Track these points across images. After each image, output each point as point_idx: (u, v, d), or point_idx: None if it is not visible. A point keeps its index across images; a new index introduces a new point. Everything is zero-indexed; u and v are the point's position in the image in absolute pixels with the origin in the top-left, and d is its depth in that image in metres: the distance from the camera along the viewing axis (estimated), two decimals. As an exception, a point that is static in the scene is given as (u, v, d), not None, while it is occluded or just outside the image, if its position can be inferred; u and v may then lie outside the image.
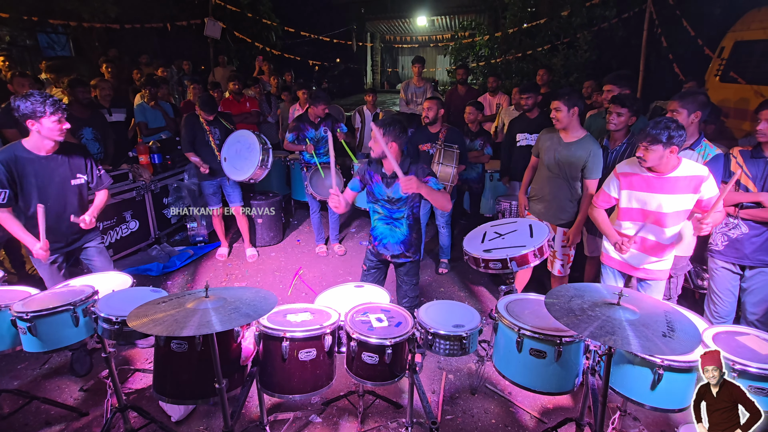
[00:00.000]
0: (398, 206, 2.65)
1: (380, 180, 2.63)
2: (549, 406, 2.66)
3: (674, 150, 2.21)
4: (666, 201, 2.35)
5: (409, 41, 19.75)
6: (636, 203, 2.45)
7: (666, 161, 2.26)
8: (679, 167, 2.30)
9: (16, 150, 2.50)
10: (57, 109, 2.40)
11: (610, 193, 2.53)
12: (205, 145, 4.11)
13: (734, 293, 2.68)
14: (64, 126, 2.47)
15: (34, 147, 2.52)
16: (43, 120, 2.40)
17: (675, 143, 2.18)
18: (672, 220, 2.39)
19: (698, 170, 2.29)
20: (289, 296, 3.93)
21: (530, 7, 8.28)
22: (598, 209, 2.62)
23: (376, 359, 1.86)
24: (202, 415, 2.56)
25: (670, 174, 2.31)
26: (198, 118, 4.09)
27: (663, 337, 1.41)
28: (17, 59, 7.36)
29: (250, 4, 9.94)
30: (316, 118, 4.31)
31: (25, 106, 2.35)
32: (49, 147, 2.54)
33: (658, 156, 2.22)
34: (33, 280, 3.79)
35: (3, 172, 2.43)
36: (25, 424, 2.48)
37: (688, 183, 2.29)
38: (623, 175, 2.46)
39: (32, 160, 2.52)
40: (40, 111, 2.36)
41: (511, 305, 2.10)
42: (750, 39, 5.10)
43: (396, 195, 2.61)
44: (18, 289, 2.31)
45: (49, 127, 2.43)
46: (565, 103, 2.87)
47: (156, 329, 1.44)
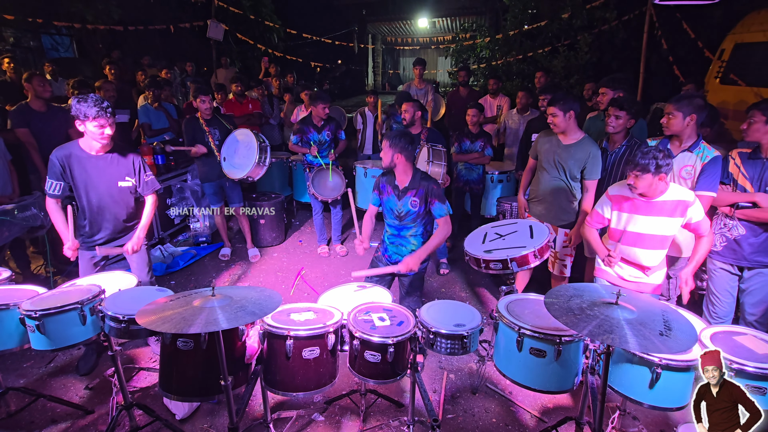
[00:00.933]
0: (404, 222, 2.67)
1: (392, 192, 2.66)
2: (549, 405, 2.69)
3: (662, 177, 2.26)
4: (649, 223, 2.39)
5: (410, 43, 19.84)
6: (627, 224, 2.47)
7: (655, 187, 2.31)
8: (667, 191, 2.34)
9: (72, 148, 2.66)
10: (100, 116, 2.50)
11: (603, 213, 2.55)
12: (204, 145, 4.16)
13: (732, 294, 2.70)
14: (105, 131, 2.57)
15: (86, 146, 2.66)
16: (87, 123, 2.52)
17: (663, 171, 2.24)
18: (652, 243, 2.41)
19: (684, 195, 2.33)
20: (291, 296, 3.96)
21: (531, 9, 8.30)
22: (590, 228, 2.64)
23: (378, 358, 1.89)
24: (206, 413, 2.59)
25: (658, 198, 2.35)
26: (198, 120, 4.15)
27: (660, 336, 1.44)
28: (21, 60, 7.41)
29: (252, 6, 9.99)
30: (319, 120, 4.35)
31: (76, 107, 2.48)
32: (98, 147, 2.65)
33: (647, 184, 2.27)
34: (38, 280, 3.84)
35: (57, 167, 2.62)
36: (31, 421, 2.52)
37: (674, 207, 2.32)
38: (614, 197, 2.50)
39: (84, 159, 2.66)
40: (84, 114, 2.48)
41: (512, 305, 2.13)
42: (750, 41, 5.12)
43: (405, 209, 2.62)
44: (26, 288, 2.34)
45: (92, 131, 2.55)
46: (561, 108, 2.90)
47: (164, 326, 1.47)
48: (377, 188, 2.75)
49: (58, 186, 2.64)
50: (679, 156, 2.64)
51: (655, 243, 2.41)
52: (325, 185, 4.50)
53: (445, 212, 2.60)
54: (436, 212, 2.60)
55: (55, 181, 2.64)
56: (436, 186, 2.60)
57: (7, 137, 3.71)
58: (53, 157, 2.62)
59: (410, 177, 2.61)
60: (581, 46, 7.43)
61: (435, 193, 2.57)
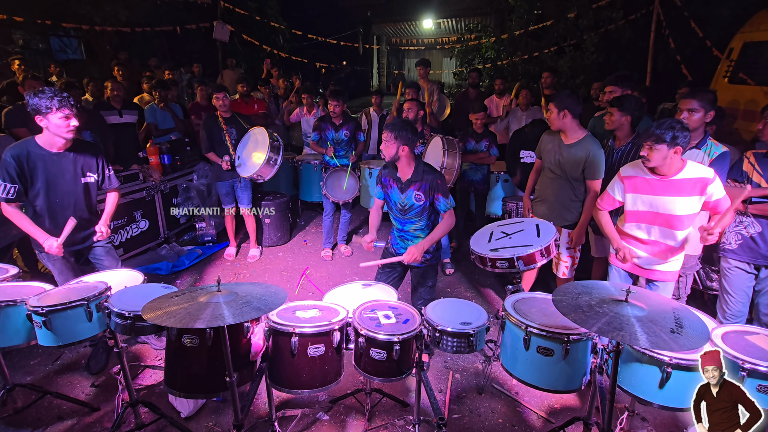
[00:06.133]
0: (408, 217, 2.65)
1: (395, 185, 2.65)
2: (556, 406, 2.66)
3: (678, 151, 2.19)
4: (667, 203, 2.33)
5: (415, 44, 19.84)
6: (642, 206, 2.43)
7: (670, 162, 2.23)
8: (684, 169, 2.28)
9: (29, 145, 2.51)
10: (63, 106, 2.38)
11: (614, 196, 2.52)
12: (221, 144, 4.19)
13: (748, 294, 2.64)
14: (71, 123, 2.46)
15: (45, 143, 2.53)
16: (50, 116, 2.39)
17: (679, 143, 2.16)
18: (682, 223, 2.36)
19: (703, 172, 2.26)
20: (296, 296, 3.95)
21: (537, 10, 8.29)
22: (603, 212, 2.61)
23: (384, 355, 1.88)
24: (211, 411, 2.59)
25: (674, 176, 2.29)
26: (217, 119, 4.18)
27: (671, 333, 1.42)
28: (30, 62, 7.50)
29: (257, 7, 10.06)
30: (338, 118, 4.38)
31: (33, 101, 2.36)
32: (60, 144, 2.54)
33: (662, 156, 2.20)
34: (45, 278, 3.84)
35: (13, 167, 2.44)
36: (37, 418, 2.53)
37: (693, 185, 2.26)
38: (627, 179, 2.45)
39: (44, 156, 2.52)
40: (47, 107, 2.36)
41: (519, 304, 2.11)
42: (759, 40, 5.06)
43: (409, 202, 2.61)
44: (33, 285, 2.35)
45: (56, 124, 2.42)
46: (556, 106, 2.88)
47: (170, 321, 1.47)
48: (380, 182, 2.74)
49: (13, 189, 2.46)
50: (686, 153, 2.61)
51: (673, 224, 2.35)
52: (338, 187, 4.50)
53: (449, 206, 2.57)
54: (440, 207, 2.57)
55: (8, 184, 2.44)
56: (441, 180, 2.56)
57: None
58: (7, 156, 2.42)
59: (413, 169, 2.57)
60: (587, 46, 7.40)
61: (439, 188, 2.54)
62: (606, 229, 2.61)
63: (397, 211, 2.68)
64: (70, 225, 2.52)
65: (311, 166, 5.31)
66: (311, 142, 4.55)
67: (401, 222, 2.70)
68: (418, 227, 2.67)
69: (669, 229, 2.40)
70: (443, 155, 3.53)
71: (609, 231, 2.59)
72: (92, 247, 2.88)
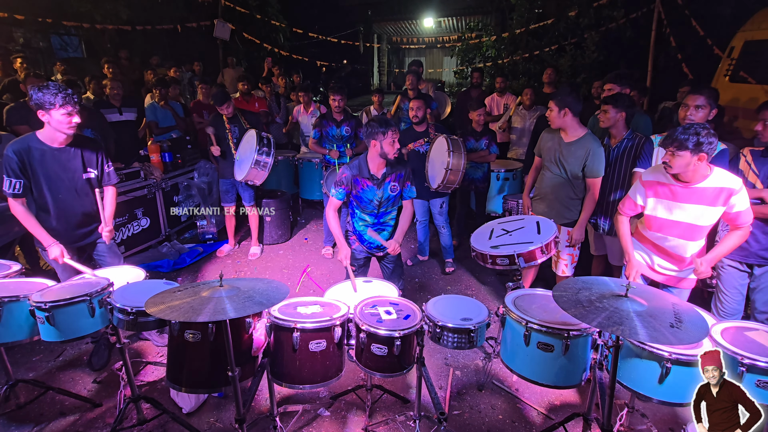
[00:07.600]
0: (383, 209, 2.76)
1: (369, 183, 2.68)
2: (556, 402, 2.67)
3: (702, 158, 2.04)
4: (687, 212, 2.23)
5: (415, 42, 19.82)
6: (664, 212, 2.33)
7: (694, 170, 2.09)
8: (710, 177, 2.13)
9: (30, 141, 2.51)
10: (67, 102, 2.38)
11: (636, 200, 2.43)
12: (225, 143, 4.22)
13: (742, 292, 2.65)
14: (73, 119, 2.46)
15: (47, 138, 2.53)
16: (53, 112, 2.39)
17: (704, 150, 2.02)
18: (688, 233, 2.28)
19: (730, 182, 2.11)
20: (297, 293, 3.96)
21: (537, 8, 8.27)
22: (623, 217, 2.51)
23: (385, 351, 1.89)
24: (212, 407, 2.60)
25: (697, 184, 2.15)
26: (222, 117, 4.20)
27: (671, 328, 1.43)
28: (31, 60, 7.50)
29: (258, 5, 10.04)
30: (339, 114, 4.39)
31: (37, 96, 2.36)
32: (61, 139, 2.54)
33: (684, 163, 2.07)
34: (47, 276, 3.86)
35: (16, 162, 2.45)
36: (40, 413, 2.54)
37: (717, 194, 2.13)
38: (648, 184, 2.35)
39: (45, 152, 2.53)
40: (50, 102, 2.36)
41: (519, 300, 2.12)
42: (760, 38, 5.06)
43: (386, 194, 2.72)
44: (36, 281, 2.36)
45: (59, 120, 2.42)
46: (557, 104, 2.88)
47: (173, 315, 1.48)
48: (343, 185, 2.68)
49: (18, 184, 2.46)
50: None
51: (692, 234, 2.27)
52: None
53: (415, 194, 2.83)
54: (407, 194, 2.80)
55: (14, 179, 2.45)
56: (410, 168, 2.80)
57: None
58: (9, 151, 2.42)
59: (384, 162, 2.66)
60: (588, 45, 7.39)
61: (410, 176, 2.78)
62: (623, 240, 2.53)
63: (372, 208, 2.74)
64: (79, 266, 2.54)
65: (312, 164, 5.32)
66: (310, 142, 4.54)
67: (376, 216, 2.78)
68: (392, 216, 2.85)
69: (684, 240, 2.32)
70: (448, 155, 3.53)
71: (624, 242, 2.52)
72: (95, 244, 2.89)
